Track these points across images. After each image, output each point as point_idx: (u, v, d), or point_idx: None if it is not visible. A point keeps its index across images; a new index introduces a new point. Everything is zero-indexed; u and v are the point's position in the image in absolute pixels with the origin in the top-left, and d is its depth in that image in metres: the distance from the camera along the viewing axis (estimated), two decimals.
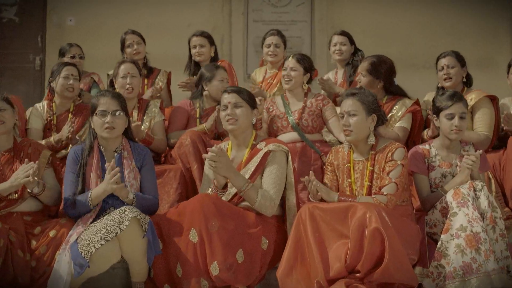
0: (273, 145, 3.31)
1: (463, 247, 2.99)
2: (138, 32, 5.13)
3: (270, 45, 5.05)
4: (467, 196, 3.09)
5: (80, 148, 3.34)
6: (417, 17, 7.80)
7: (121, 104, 3.31)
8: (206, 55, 5.02)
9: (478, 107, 4.10)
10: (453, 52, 4.28)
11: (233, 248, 3.01)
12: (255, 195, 3.16)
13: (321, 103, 4.20)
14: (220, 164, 3.10)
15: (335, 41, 5.08)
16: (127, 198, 3.16)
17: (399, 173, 3.16)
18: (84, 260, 2.87)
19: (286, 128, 4.17)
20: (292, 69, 4.19)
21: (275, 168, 3.27)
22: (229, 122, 3.32)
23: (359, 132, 3.23)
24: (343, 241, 2.95)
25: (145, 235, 2.95)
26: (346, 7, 7.81)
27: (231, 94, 3.37)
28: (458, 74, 4.22)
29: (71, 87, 4.13)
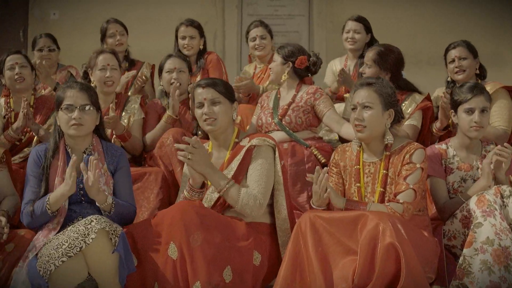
0: (257, 140, 2.89)
1: (490, 264, 2.61)
2: (121, 22, 4.83)
3: (256, 38, 4.73)
4: (493, 204, 2.69)
5: (43, 148, 2.90)
6: (421, 12, 7.64)
7: (91, 98, 2.88)
8: (195, 48, 4.67)
9: (494, 99, 3.70)
10: (464, 42, 3.92)
11: (219, 265, 2.58)
12: (237, 194, 2.74)
13: (312, 98, 3.79)
14: (197, 157, 2.69)
15: (349, 28, 4.69)
16: (105, 203, 2.73)
17: (418, 178, 2.74)
18: (43, 280, 2.44)
19: (271, 125, 3.79)
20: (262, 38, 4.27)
21: (259, 164, 2.86)
22: (207, 122, 2.91)
23: (373, 128, 2.81)
24: (350, 258, 2.53)
25: (116, 249, 2.51)
26: (346, 3, 7.65)
27: (206, 88, 2.93)
28: (471, 66, 3.86)
29: (19, 77, 3.76)
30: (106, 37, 4.71)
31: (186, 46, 4.63)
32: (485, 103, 3.03)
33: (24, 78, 3.76)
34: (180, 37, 4.68)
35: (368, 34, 4.72)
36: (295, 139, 3.68)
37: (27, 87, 3.81)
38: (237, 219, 2.79)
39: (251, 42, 4.77)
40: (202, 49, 4.71)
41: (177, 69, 3.94)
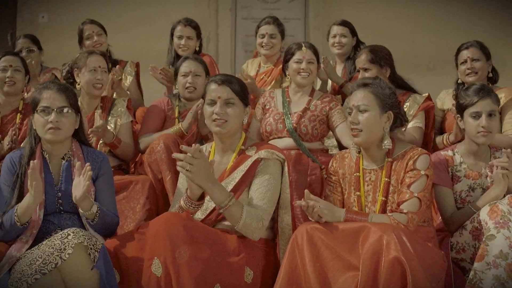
0: (266, 152, 2.69)
1: (504, 280, 2.44)
2: (98, 22, 4.70)
3: (265, 36, 4.54)
4: (507, 215, 2.52)
5: (18, 154, 2.70)
6: (420, 14, 7.63)
7: (69, 100, 2.69)
8: (191, 49, 4.53)
9: (509, 107, 3.64)
10: (477, 43, 3.82)
11: (207, 282, 2.38)
12: (239, 214, 2.52)
13: (327, 107, 3.64)
14: (196, 169, 2.46)
15: (334, 32, 4.63)
16: (89, 211, 2.54)
17: (423, 186, 2.55)
18: None
19: (281, 132, 3.60)
20: (309, 62, 3.67)
21: (266, 180, 2.65)
22: (216, 122, 2.69)
23: (370, 133, 2.62)
24: (351, 274, 2.36)
25: (95, 266, 2.31)
26: (343, 3, 7.62)
27: (221, 86, 2.71)
28: (483, 68, 3.75)
29: (10, 80, 3.65)
30: (83, 40, 4.60)
31: (182, 46, 4.49)
32: (493, 106, 2.86)
33: (15, 82, 3.67)
34: (177, 36, 4.54)
35: (354, 37, 4.66)
36: (303, 151, 3.51)
37: (17, 91, 3.70)
38: (228, 232, 2.59)
39: (259, 39, 4.60)
40: (197, 51, 4.60)
41: (192, 73, 3.75)
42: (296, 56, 3.68)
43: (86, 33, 4.57)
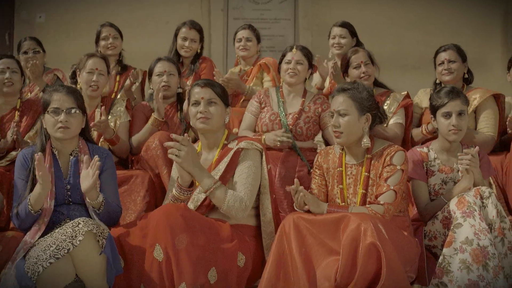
0: (245, 143, 2.94)
1: (469, 263, 2.68)
2: (116, 26, 4.83)
3: (241, 39, 4.74)
4: (473, 205, 2.77)
5: (30, 151, 2.93)
6: (407, 16, 7.75)
7: (77, 101, 2.92)
8: (193, 51, 4.69)
9: (483, 106, 3.85)
10: (454, 46, 4.01)
11: (204, 266, 2.61)
12: (223, 195, 2.78)
13: (319, 108, 3.87)
14: (185, 155, 2.73)
15: (334, 34, 4.77)
16: (95, 201, 2.78)
17: (399, 180, 2.80)
18: (31, 282, 2.46)
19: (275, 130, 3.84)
20: (298, 62, 3.86)
21: (246, 167, 2.91)
22: (200, 120, 2.94)
23: (350, 134, 2.87)
24: (333, 258, 2.59)
25: (103, 251, 2.55)
26: (332, 4, 7.75)
27: (204, 88, 2.98)
28: (459, 70, 3.95)
29: (8, 81, 3.79)
30: (99, 40, 4.73)
31: (185, 47, 4.63)
32: (462, 106, 3.10)
33: (13, 83, 3.80)
34: (181, 37, 4.66)
35: (353, 38, 4.79)
36: (295, 150, 3.72)
37: (15, 92, 3.84)
38: (221, 221, 2.83)
39: (237, 43, 4.79)
40: (199, 53, 4.74)
41: (167, 72, 3.96)
42: (286, 57, 3.90)
43: (103, 34, 4.70)
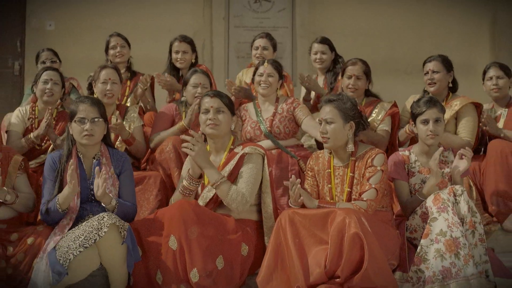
0: (249, 148, 3.31)
1: (443, 252, 3.02)
2: (123, 35, 5.15)
3: (258, 48, 5.05)
4: (447, 202, 3.11)
5: (58, 154, 3.31)
6: (399, 23, 7.91)
7: (100, 111, 3.29)
8: (188, 62, 4.97)
9: (463, 113, 4.17)
10: (440, 57, 4.31)
11: (212, 254, 2.99)
12: (228, 189, 3.15)
13: (291, 107, 4.22)
14: (198, 150, 3.11)
15: (315, 50, 5.08)
16: (109, 205, 3.13)
17: (379, 179, 3.18)
18: (63, 268, 2.84)
19: (259, 136, 4.18)
20: (269, 75, 4.20)
21: (249, 168, 3.27)
22: (209, 126, 3.31)
23: (336, 140, 3.24)
24: (323, 247, 2.95)
25: (124, 241, 2.93)
26: (327, 13, 7.89)
27: (213, 98, 3.35)
28: (443, 80, 4.25)
29: (49, 91, 4.14)
30: (108, 49, 5.05)
31: (179, 59, 4.92)
32: (438, 114, 3.46)
33: (53, 94, 4.15)
34: (174, 51, 4.97)
35: (332, 52, 5.08)
36: (281, 148, 4.06)
37: (54, 101, 4.19)
38: (227, 215, 3.20)
39: (254, 51, 5.08)
40: (194, 63, 5.02)
41: (201, 85, 4.22)
42: (259, 70, 4.25)
43: (112, 44, 5.03)
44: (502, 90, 4.35)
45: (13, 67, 7.85)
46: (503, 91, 4.36)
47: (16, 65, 7.84)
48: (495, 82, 4.35)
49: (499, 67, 4.40)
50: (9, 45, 7.87)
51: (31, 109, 4.22)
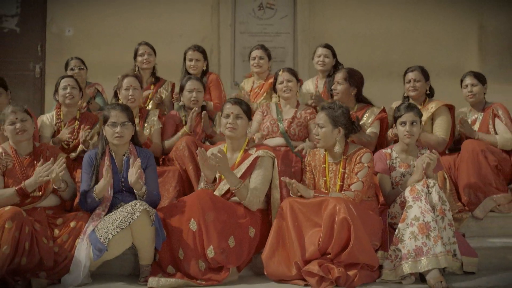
0: (262, 151, 3.89)
1: (416, 234, 3.59)
2: (150, 44, 5.57)
3: (255, 58, 5.51)
4: (421, 192, 3.68)
5: (94, 152, 3.91)
6: (394, 29, 8.17)
7: (129, 116, 3.88)
8: (199, 69, 5.43)
9: (438, 114, 4.69)
10: (419, 67, 4.83)
11: (225, 235, 3.60)
12: (246, 193, 3.74)
13: (308, 116, 4.72)
14: (221, 164, 3.67)
15: (319, 53, 5.51)
16: (140, 191, 3.71)
17: (366, 174, 3.77)
18: (103, 245, 3.44)
19: (275, 133, 4.68)
20: (289, 81, 4.70)
21: (262, 171, 3.85)
22: (229, 129, 3.87)
23: (326, 142, 3.84)
24: (317, 229, 3.56)
25: (153, 224, 3.53)
26: (327, 19, 8.13)
27: (234, 105, 3.92)
28: (422, 87, 4.78)
29: (69, 95, 4.63)
30: (137, 56, 5.49)
31: (192, 66, 5.41)
32: (415, 117, 4.02)
33: (73, 96, 4.63)
34: (188, 59, 5.45)
35: (334, 58, 5.52)
36: (290, 147, 4.55)
37: (75, 104, 4.69)
38: (238, 204, 3.80)
39: (251, 61, 5.53)
40: (205, 70, 5.52)
41: (196, 90, 4.79)
42: (278, 79, 4.76)
43: (140, 52, 5.46)
44: (476, 96, 4.85)
45: (35, 70, 8.11)
46: (477, 97, 4.85)
47: (37, 68, 8.10)
48: (470, 89, 4.85)
49: (473, 76, 4.90)
50: (31, 49, 8.13)
51: (57, 115, 4.71)
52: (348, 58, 7.53)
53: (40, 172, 3.68)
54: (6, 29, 8.21)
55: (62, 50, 7.99)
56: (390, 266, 3.63)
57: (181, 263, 3.60)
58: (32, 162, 3.89)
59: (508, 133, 4.66)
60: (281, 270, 3.59)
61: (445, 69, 7.92)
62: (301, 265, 3.50)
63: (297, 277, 3.55)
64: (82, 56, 6.07)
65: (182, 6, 8.14)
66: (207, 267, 3.58)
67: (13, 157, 3.84)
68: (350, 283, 3.45)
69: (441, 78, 7.65)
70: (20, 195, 3.69)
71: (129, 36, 7.80)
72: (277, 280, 3.63)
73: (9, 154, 3.85)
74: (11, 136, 3.83)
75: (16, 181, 3.76)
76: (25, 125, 3.84)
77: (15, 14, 8.23)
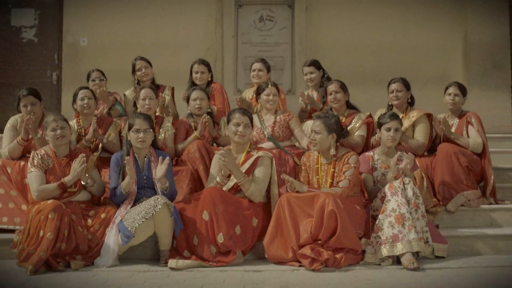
0: (262, 152, 4.56)
1: (393, 223, 4.23)
2: (145, 58, 6.09)
3: (255, 70, 6.08)
4: (397, 188, 4.33)
5: (120, 154, 4.56)
6: (384, 39, 8.70)
7: (150, 124, 4.53)
8: (205, 80, 6.01)
9: (418, 121, 5.31)
10: (401, 79, 5.43)
11: (233, 224, 4.25)
12: (249, 186, 4.39)
13: (287, 118, 5.29)
14: (228, 160, 4.32)
15: (305, 72, 6.05)
16: (164, 185, 4.35)
17: (352, 173, 4.42)
18: (130, 233, 4.09)
19: (263, 140, 5.24)
20: (274, 95, 5.28)
21: (262, 169, 4.51)
22: (238, 136, 4.51)
23: (321, 145, 4.48)
24: (309, 219, 4.21)
25: (172, 215, 4.18)
26: (322, 31, 8.68)
27: (244, 116, 4.56)
28: (404, 96, 5.39)
29: (87, 105, 5.22)
30: (135, 71, 6.03)
31: (198, 78, 5.97)
32: (397, 125, 4.67)
33: (90, 106, 5.22)
34: (194, 71, 6.02)
35: (320, 70, 5.98)
36: (280, 148, 5.17)
37: (91, 112, 5.28)
38: (243, 198, 4.45)
39: (251, 72, 6.07)
40: (210, 80, 6.07)
41: (199, 98, 5.37)
42: (265, 92, 5.28)
43: (137, 66, 6.01)
44: (456, 105, 5.46)
45: (51, 77, 8.72)
46: (457, 106, 5.47)
47: (54, 76, 8.70)
48: (452, 98, 5.45)
49: (457, 87, 5.47)
50: (48, 58, 8.74)
51: (77, 122, 5.31)
52: (341, 67, 8.36)
53: (74, 167, 4.31)
54: (25, 40, 8.78)
55: (77, 58, 8.62)
56: (371, 251, 4.27)
57: (196, 248, 4.25)
58: (69, 162, 4.52)
59: (478, 137, 5.31)
60: (279, 254, 4.23)
61: (432, 77, 8.54)
62: (296, 249, 4.15)
63: (293, 259, 4.19)
64: (95, 64, 6.56)
65: (189, 18, 8.65)
66: (217, 251, 4.23)
67: (53, 158, 4.49)
68: (337, 264, 4.10)
69: (428, 85, 8.40)
70: (61, 188, 4.33)
71: (139, 46, 8.37)
72: (276, 262, 4.26)
73: (50, 156, 4.50)
74: (52, 140, 4.47)
75: (56, 178, 4.40)
76: (64, 132, 4.48)
77: (33, 26, 8.81)
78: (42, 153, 4.49)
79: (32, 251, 4.04)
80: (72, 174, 4.33)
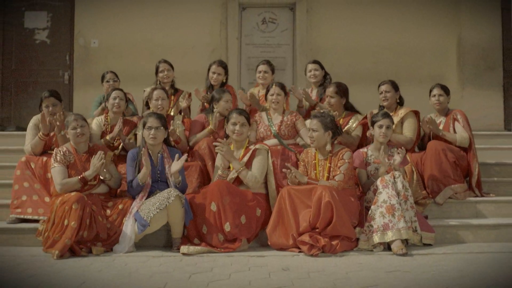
0: (259, 145, 4.96)
1: (384, 213, 4.62)
2: (168, 61, 6.38)
3: (261, 72, 6.37)
4: (388, 181, 4.72)
5: (136, 150, 4.97)
6: (382, 41, 8.96)
7: (162, 122, 4.93)
8: (220, 81, 6.28)
9: (406, 118, 5.66)
10: (390, 81, 5.79)
11: (238, 214, 4.64)
12: (246, 174, 4.79)
13: (294, 118, 5.65)
14: (226, 150, 4.74)
15: (310, 68, 6.45)
16: (178, 179, 4.75)
17: (346, 167, 4.82)
18: (146, 222, 4.49)
19: (269, 136, 5.62)
20: (278, 95, 5.62)
21: (259, 159, 4.90)
22: (236, 135, 4.93)
23: (318, 142, 4.88)
24: (308, 210, 4.60)
25: (183, 206, 4.59)
26: (322, 33, 8.96)
27: (240, 115, 4.97)
28: (392, 97, 5.74)
29: (117, 105, 5.60)
30: (158, 72, 6.36)
31: (214, 79, 6.23)
32: (389, 122, 5.06)
33: (120, 106, 5.58)
34: (212, 72, 6.25)
35: (322, 70, 6.37)
36: (283, 145, 5.51)
37: (120, 112, 5.64)
38: (247, 190, 4.84)
39: (257, 73, 6.33)
40: (224, 82, 6.33)
41: (229, 101, 5.63)
42: (270, 92, 5.62)
43: (160, 68, 6.31)
44: (442, 104, 5.84)
45: (63, 77, 9.02)
46: (442, 105, 5.85)
47: (66, 76, 9.00)
48: (437, 98, 5.83)
49: (440, 88, 5.85)
50: (60, 59, 9.04)
51: (105, 118, 5.69)
52: (341, 67, 8.66)
53: (93, 162, 4.71)
54: (38, 41, 9.08)
55: (88, 59, 8.93)
56: (364, 238, 4.67)
57: (205, 236, 4.65)
58: (88, 158, 4.93)
59: (465, 132, 5.68)
60: (281, 241, 4.62)
61: (427, 78, 8.77)
62: (296, 237, 4.54)
63: (293, 246, 4.58)
64: (106, 65, 6.80)
65: (195, 21, 8.94)
66: (225, 239, 4.62)
67: (74, 154, 4.90)
68: (333, 250, 4.50)
69: (423, 85, 8.40)
70: (82, 182, 4.74)
71: (147, 47, 8.76)
72: (278, 248, 4.65)
73: (71, 152, 4.91)
74: (73, 138, 4.89)
75: (77, 172, 4.82)
76: (84, 130, 4.89)
77: (46, 27, 9.11)
78: (64, 149, 4.90)
79: (58, 238, 4.45)
80: (92, 169, 4.73)
